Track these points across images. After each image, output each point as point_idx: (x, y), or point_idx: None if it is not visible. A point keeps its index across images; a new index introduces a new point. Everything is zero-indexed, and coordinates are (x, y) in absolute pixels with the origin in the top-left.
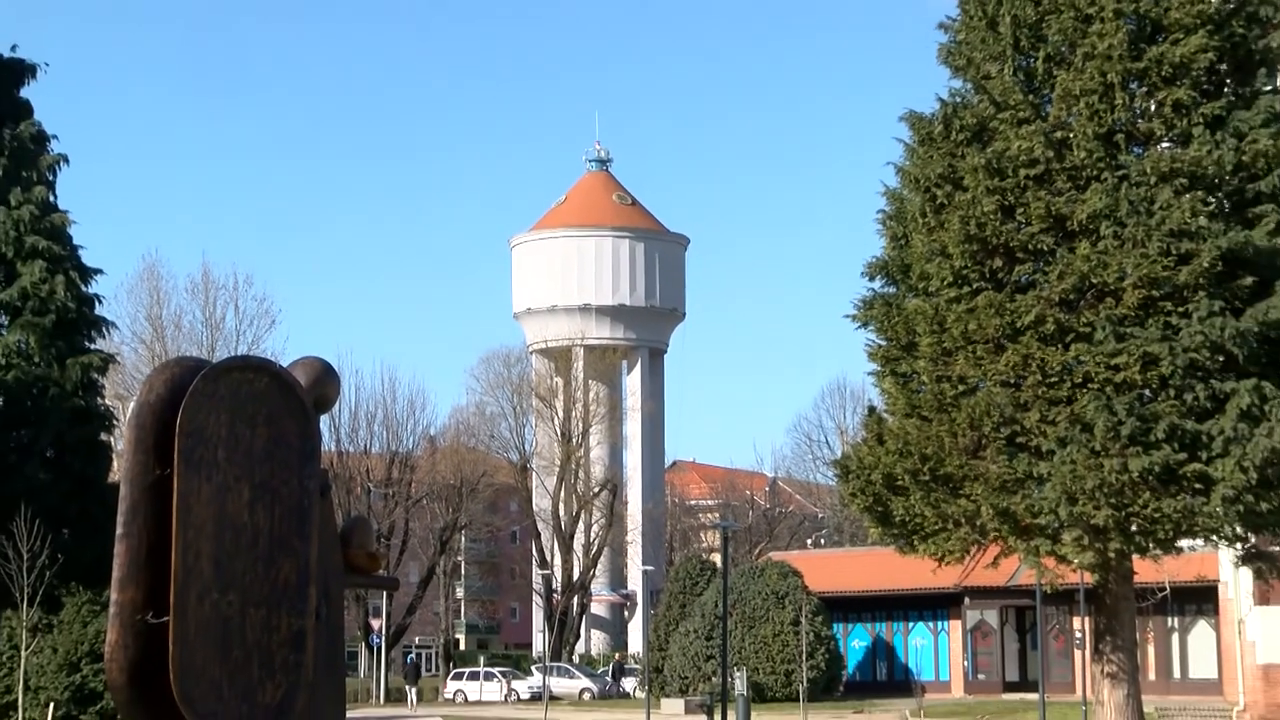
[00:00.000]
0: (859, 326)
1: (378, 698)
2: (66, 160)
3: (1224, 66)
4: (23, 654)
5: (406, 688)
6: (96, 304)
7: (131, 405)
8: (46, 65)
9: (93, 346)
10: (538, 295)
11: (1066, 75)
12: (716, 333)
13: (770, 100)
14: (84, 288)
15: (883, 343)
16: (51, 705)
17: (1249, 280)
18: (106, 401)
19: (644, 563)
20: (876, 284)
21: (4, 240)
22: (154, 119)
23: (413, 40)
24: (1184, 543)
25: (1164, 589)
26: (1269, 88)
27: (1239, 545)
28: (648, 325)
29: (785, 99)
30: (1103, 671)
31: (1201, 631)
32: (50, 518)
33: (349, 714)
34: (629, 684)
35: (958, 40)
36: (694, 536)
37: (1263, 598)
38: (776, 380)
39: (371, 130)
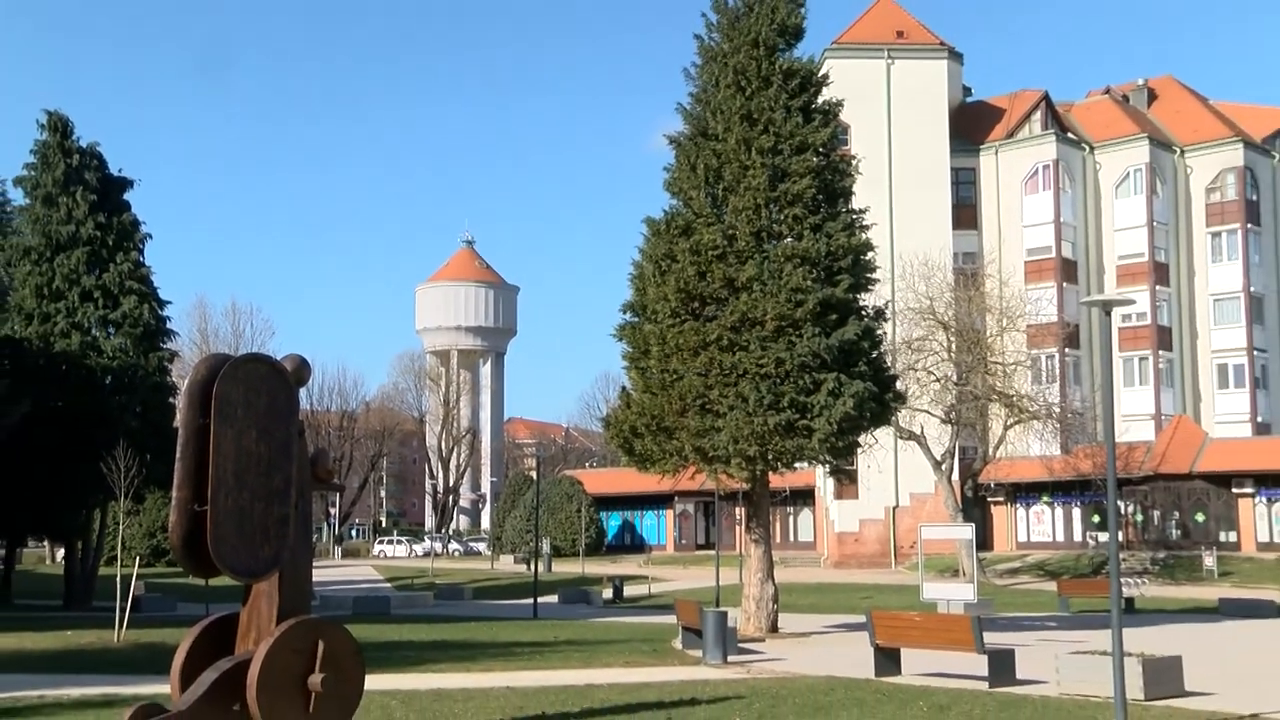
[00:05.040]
0: (618, 340)
1: (332, 555)
2: (151, 236)
3: (821, 197)
4: (121, 527)
5: (335, 547)
6: (167, 322)
7: (186, 382)
8: (140, 179)
9: (164, 347)
10: (431, 319)
11: (735, 198)
12: (536, 342)
13: (573, 205)
14: (160, 311)
15: (631, 349)
16: (138, 558)
17: (834, 316)
18: (172, 379)
19: (491, 475)
20: (628, 315)
21: (113, 284)
22: (205, 199)
23: (359, 160)
24: (798, 465)
25: (786, 491)
26: (845, 209)
27: (827, 466)
28: (495, 338)
29: (583, 205)
30: (751, 538)
31: (805, 514)
32: (138, 448)
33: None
34: (481, 546)
35: (673, 176)
36: (520, 461)
37: (839, 494)
38: (570, 370)
39: (335, 215)
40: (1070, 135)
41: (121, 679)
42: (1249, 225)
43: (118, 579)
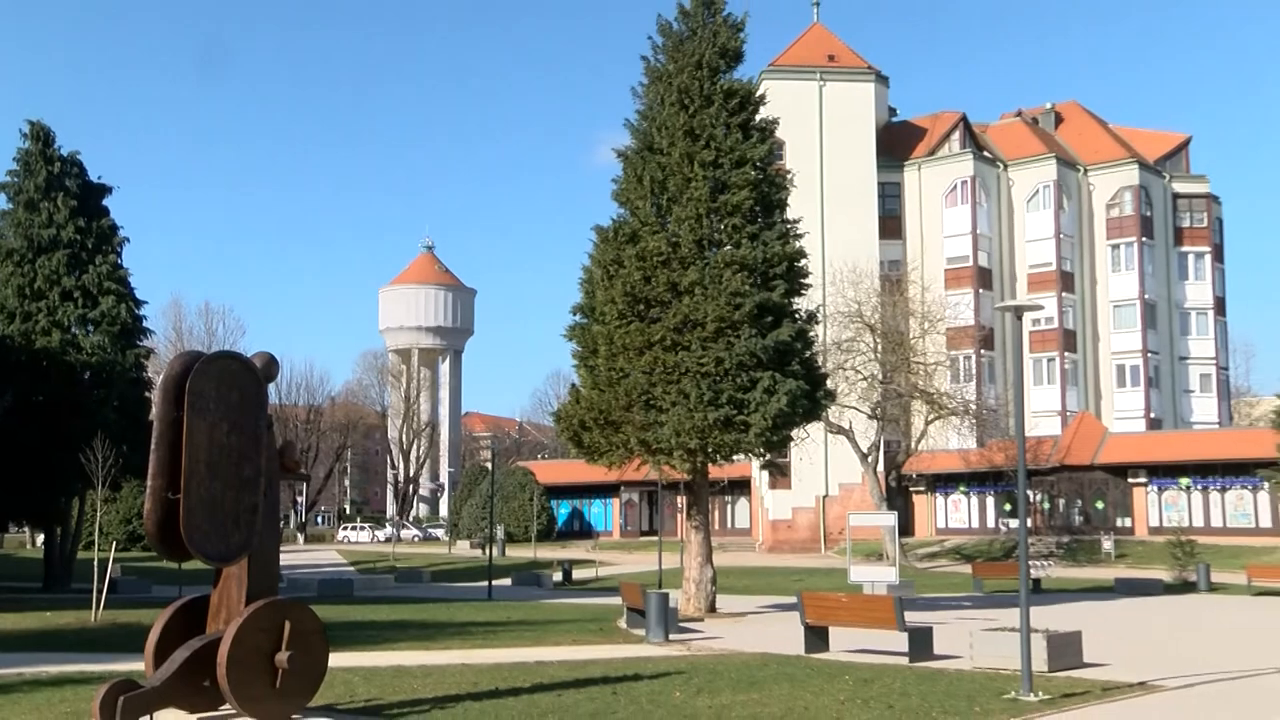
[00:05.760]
0: (568, 340)
1: (302, 540)
2: (128, 239)
3: (758, 208)
4: (99, 513)
5: (299, 534)
6: (143, 321)
7: (161, 377)
8: (119, 185)
9: (140, 344)
10: (393, 319)
11: (679, 208)
12: (491, 341)
13: (527, 214)
14: (136, 311)
15: (580, 349)
16: (114, 543)
17: (769, 319)
18: (148, 375)
19: (449, 466)
20: (578, 317)
21: (93, 285)
22: (182, 205)
23: (328, 170)
24: (735, 457)
25: (724, 481)
26: (780, 220)
27: (763, 458)
28: (453, 337)
29: (537, 214)
30: (691, 525)
31: (742, 503)
32: (116, 439)
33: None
34: (439, 532)
35: (621, 187)
36: (476, 453)
37: (774, 485)
38: (524, 368)
39: (304, 222)
40: (986, 154)
41: (98, 657)
42: (1143, 239)
43: (95, 562)
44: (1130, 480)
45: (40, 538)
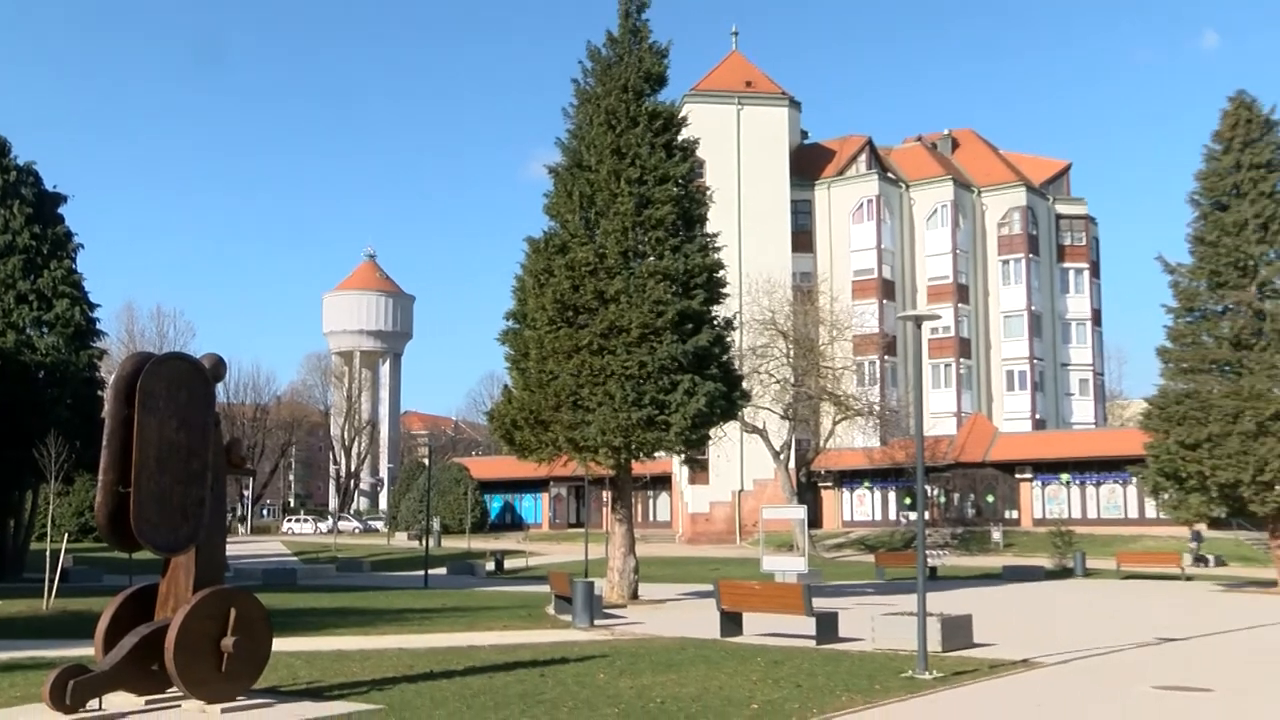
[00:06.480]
0: (502, 343)
1: (246, 531)
2: (82, 245)
3: (680, 222)
4: (52, 506)
5: (240, 526)
6: (96, 323)
7: (113, 377)
8: (73, 194)
9: (94, 346)
10: (337, 323)
11: (605, 221)
12: (429, 345)
13: (463, 225)
14: (90, 314)
15: (512, 352)
16: (67, 535)
17: (690, 326)
18: (100, 374)
19: (388, 462)
20: (510, 322)
21: (48, 289)
22: (137, 213)
23: (276, 181)
24: (657, 454)
25: (646, 477)
26: (700, 233)
27: (683, 455)
28: (393, 340)
29: (472, 225)
30: (615, 518)
31: (663, 497)
32: (69, 435)
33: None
34: (378, 524)
35: (552, 201)
36: (414, 450)
37: (692, 480)
38: (460, 370)
39: (253, 230)
40: (889, 175)
41: (49, 643)
42: (1030, 255)
43: (47, 553)
44: (1017, 476)
45: None
